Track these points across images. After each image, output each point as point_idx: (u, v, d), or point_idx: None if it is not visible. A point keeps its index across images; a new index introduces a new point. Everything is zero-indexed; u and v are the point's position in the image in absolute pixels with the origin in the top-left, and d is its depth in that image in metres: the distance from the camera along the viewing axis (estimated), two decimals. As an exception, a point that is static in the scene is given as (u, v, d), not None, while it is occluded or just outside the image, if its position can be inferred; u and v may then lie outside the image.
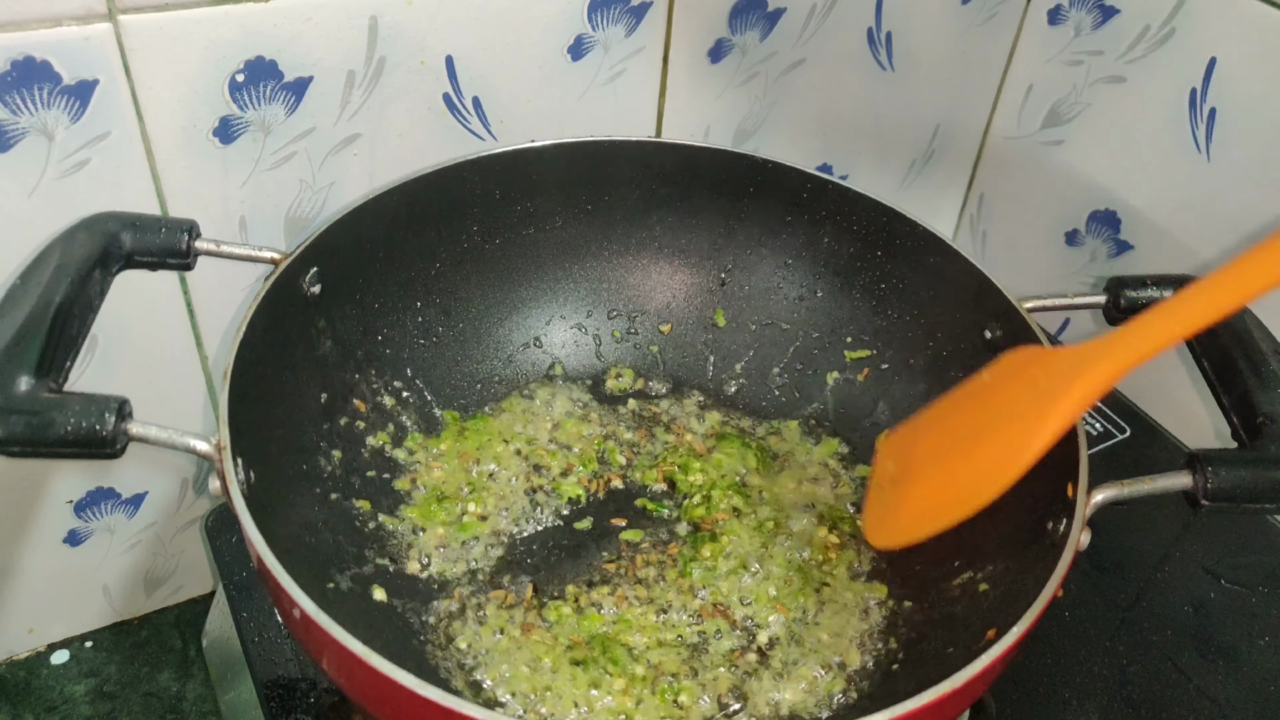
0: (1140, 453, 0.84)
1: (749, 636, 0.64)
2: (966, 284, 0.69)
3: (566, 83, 0.78)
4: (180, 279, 0.72)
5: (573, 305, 0.81)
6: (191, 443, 0.50)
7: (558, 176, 0.75)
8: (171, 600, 0.89)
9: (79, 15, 0.59)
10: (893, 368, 0.76)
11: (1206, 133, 0.83)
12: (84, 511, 0.79)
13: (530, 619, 0.64)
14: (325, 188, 0.73)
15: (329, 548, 0.62)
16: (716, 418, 0.78)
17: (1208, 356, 0.59)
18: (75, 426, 0.45)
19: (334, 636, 0.45)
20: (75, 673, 0.84)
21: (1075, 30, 0.92)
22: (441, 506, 0.69)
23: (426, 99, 0.73)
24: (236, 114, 0.67)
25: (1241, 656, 0.70)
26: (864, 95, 0.92)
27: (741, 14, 0.81)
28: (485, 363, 0.78)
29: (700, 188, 0.78)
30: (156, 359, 0.74)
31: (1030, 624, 0.49)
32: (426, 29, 0.70)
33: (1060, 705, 0.67)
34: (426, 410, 0.74)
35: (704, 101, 0.85)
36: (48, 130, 0.62)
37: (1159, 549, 0.77)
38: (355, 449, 0.69)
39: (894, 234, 0.73)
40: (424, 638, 0.62)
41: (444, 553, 0.67)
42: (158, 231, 0.58)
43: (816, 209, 0.76)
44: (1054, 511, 0.56)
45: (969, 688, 0.47)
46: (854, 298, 0.77)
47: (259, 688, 0.66)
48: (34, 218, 0.64)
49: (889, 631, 0.64)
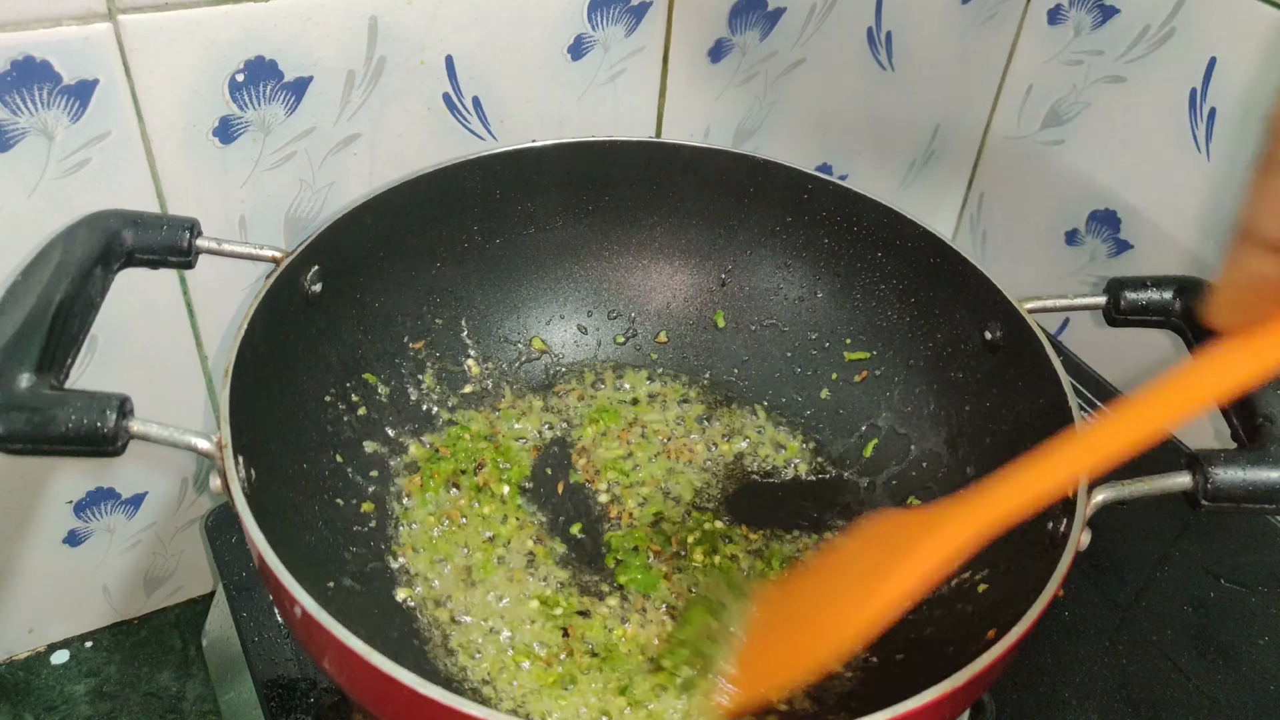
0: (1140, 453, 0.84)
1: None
2: (966, 284, 0.69)
3: (566, 82, 0.78)
4: (180, 279, 0.72)
5: (573, 305, 0.81)
6: (192, 440, 0.50)
7: (558, 177, 0.75)
8: (171, 600, 0.89)
9: (79, 15, 0.59)
10: (893, 369, 0.76)
11: (1206, 133, 0.83)
12: (84, 512, 0.79)
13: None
14: (325, 188, 0.73)
15: (330, 547, 0.62)
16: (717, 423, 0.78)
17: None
18: (77, 423, 0.45)
19: (335, 635, 0.45)
20: (75, 673, 0.84)
21: (1075, 30, 0.92)
22: (444, 507, 0.69)
23: (426, 99, 0.73)
24: (236, 114, 0.67)
25: (1241, 656, 0.70)
26: (864, 95, 0.92)
27: (741, 14, 0.81)
28: (485, 362, 0.78)
29: (701, 189, 0.78)
30: (156, 359, 0.74)
31: (1030, 624, 0.49)
32: (426, 29, 0.70)
33: (1060, 705, 0.67)
34: (427, 409, 0.74)
35: (704, 101, 0.85)
36: (48, 130, 0.62)
37: (1159, 549, 0.77)
38: (356, 448, 0.69)
39: (894, 235, 0.73)
40: (425, 637, 0.62)
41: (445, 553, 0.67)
42: (159, 229, 0.58)
43: (817, 210, 0.76)
44: (1054, 512, 0.56)
45: (969, 688, 0.47)
46: (854, 299, 0.77)
47: (259, 688, 0.66)
48: (34, 217, 0.64)
49: (888, 630, 0.64)
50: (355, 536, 0.65)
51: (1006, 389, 0.67)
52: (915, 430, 0.73)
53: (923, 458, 0.72)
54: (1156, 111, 0.87)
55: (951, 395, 0.72)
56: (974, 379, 0.70)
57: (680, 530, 0.70)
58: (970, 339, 0.70)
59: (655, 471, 0.74)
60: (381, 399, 0.71)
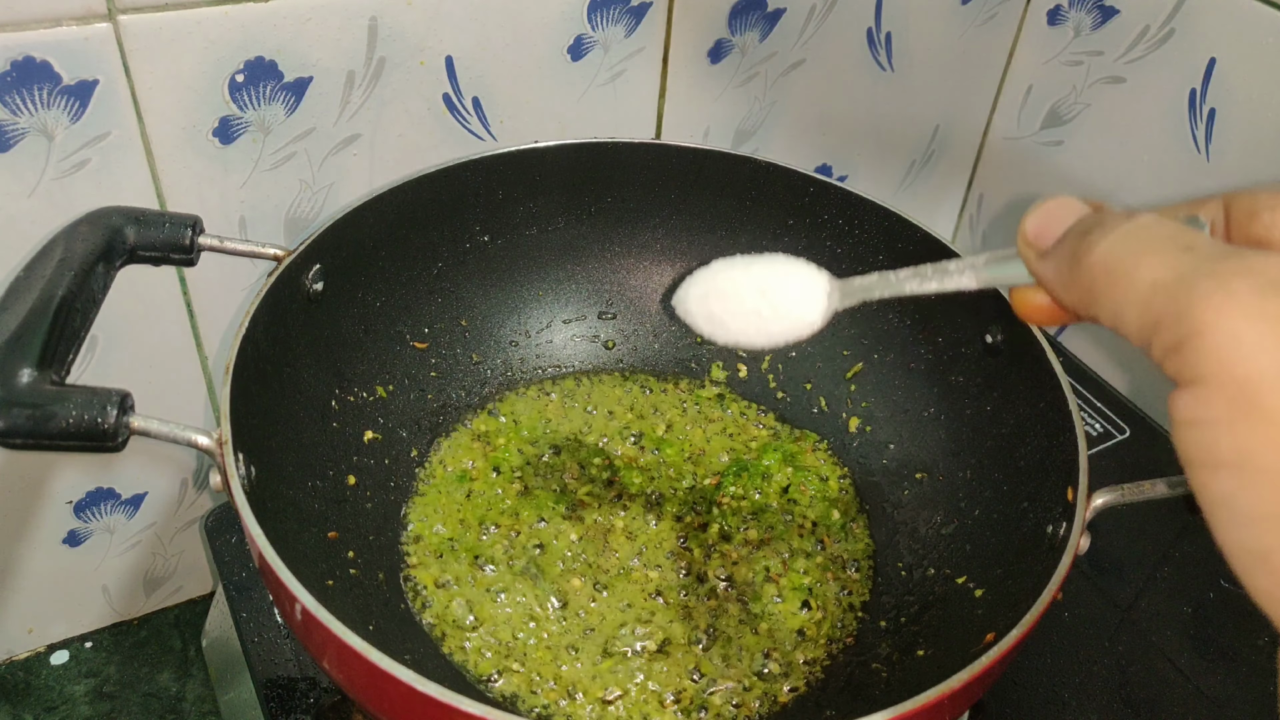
0: (1140, 453, 0.84)
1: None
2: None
3: (566, 83, 0.78)
4: (180, 279, 0.72)
5: (574, 306, 0.81)
6: (193, 437, 0.49)
7: (560, 177, 0.75)
8: (171, 600, 0.89)
9: (79, 15, 0.59)
10: (894, 371, 0.76)
11: (1206, 133, 0.83)
12: (84, 512, 0.79)
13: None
14: (325, 188, 0.73)
15: (330, 544, 0.62)
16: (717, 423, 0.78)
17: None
18: (77, 419, 0.45)
19: (334, 633, 0.45)
20: (75, 673, 0.84)
21: (1075, 31, 0.92)
22: (444, 507, 0.69)
23: (426, 99, 0.73)
24: (236, 114, 0.67)
25: (1241, 656, 0.70)
26: (864, 96, 0.92)
27: (741, 14, 0.81)
28: (486, 362, 0.78)
29: (703, 191, 0.78)
30: (156, 358, 0.74)
31: (1028, 628, 0.49)
32: (426, 29, 0.70)
33: (1060, 705, 0.67)
34: (428, 408, 0.74)
35: (704, 102, 0.85)
36: (48, 130, 0.62)
37: (1158, 549, 0.77)
38: (357, 446, 0.69)
39: (895, 238, 0.73)
40: (426, 636, 0.62)
41: (446, 552, 0.67)
42: (161, 226, 0.58)
43: (818, 213, 0.76)
44: (1053, 515, 0.56)
45: (967, 690, 0.47)
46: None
47: (259, 688, 0.66)
48: (34, 218, 0.64)
49: (888, 634, 0.64)
50: (356, 535, 0.65)
51: (1007, 391, 0.67)
52: (915, 433, 0.73)
53: (923, 460, 0.72)
54: (1156, 112, 0.87)
55: (952, 398, 0.72)
56: (974, 382, 0.70)
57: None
58: (971, 342, 0.70)
59: (670, 457, 0.74)
60: (383, 398, 0.71)
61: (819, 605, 0.66)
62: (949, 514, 0.68)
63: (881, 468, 0.74)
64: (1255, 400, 0.25)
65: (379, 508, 0.68)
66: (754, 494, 0.72)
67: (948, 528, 0.67)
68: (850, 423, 0.77)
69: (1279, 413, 0.25)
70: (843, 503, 0.73)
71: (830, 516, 0.72)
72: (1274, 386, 0.25)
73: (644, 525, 0.70)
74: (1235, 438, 0.26)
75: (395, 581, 0.65)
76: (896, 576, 0.68)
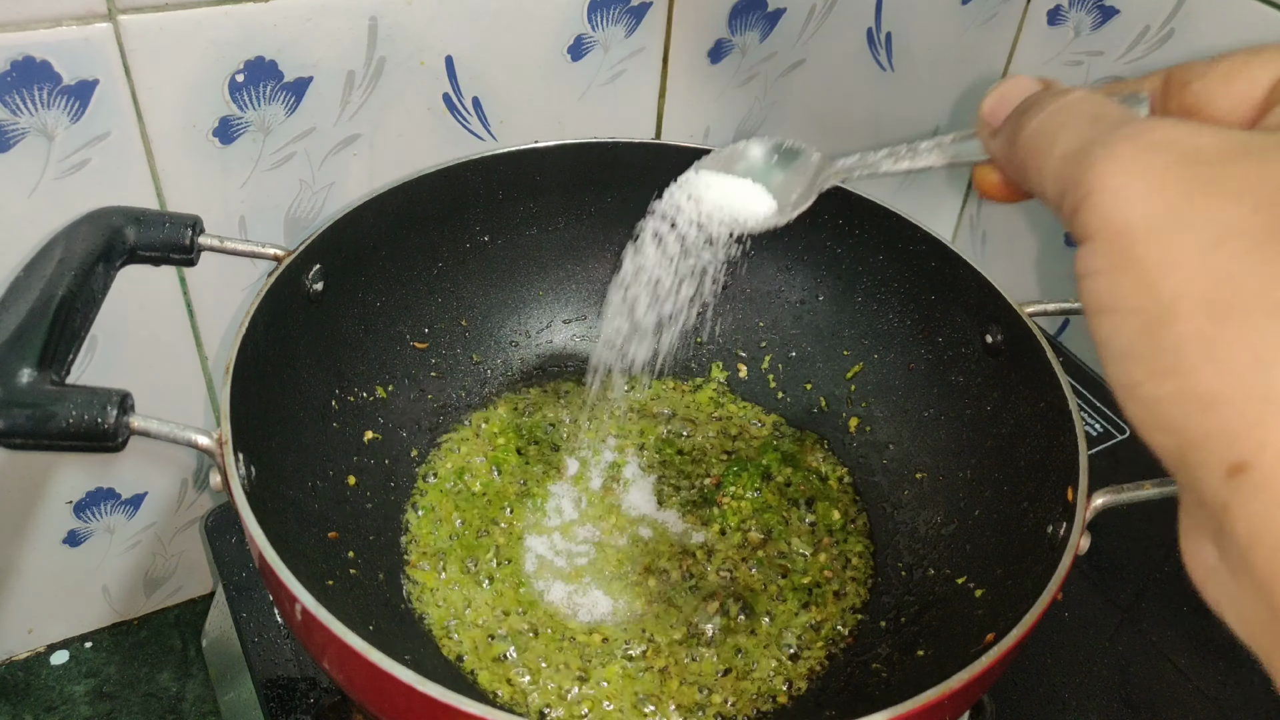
0: (1140, 453, 0.83)
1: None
2: (967, 287, 0.69)
3: (566, 83, 0.78)
4: (180, 279, 0.72)
5: (574, 306, 0.81)
6: (193, 437, 0.49)
7: (561, 177, 0.75)
8: (171, 600, 0.89)
9: (79, 15, 0.59)
10: (894, 371, 0.76)
11: (1206, 134, 0.83)
12: (84, 512, 0.79)
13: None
14: (325, 188, 0.73)
15: (330, 544, 0.62)
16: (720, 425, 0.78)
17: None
18: (77, 419, 0.45)
19: (334, 633, 0.45)
20: (75, 673, 0.84)
21: (1075, 31, 0.92)
22: (444, 506, 0.69)
23: (426, 99, 0.73)
24: (236, 114, 0.67)
25: (1241, 656, 0.69)
26: (864, 95, 0.92)
27: (741, 14, 0.81)
28: (486, 362, 0.78)
29: (703, 190, 0.78)
30: (156, 359, 0.74)
31: (1028, 628, 0.49)
32: (426, 29, 0.70)
33: (1060, 705, 0.67)
34: (428, 408, 0.74)
35: (704, 102, 0.85)
36: (47, 130, 0.62)
37: (1159, 549, 0.77)
38: (357, 446, 0.69)
39: (895, 238, 0.73)
40: (427, 636, 0.62)
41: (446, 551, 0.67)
42: (161, 226, 0.58)
43: (818, 213, 0.75)
44: (1053, 516, 0.56)
45: (967, 690, 0.47)
46: (855, 302, 0.77)
47: (259, 688, 0.66)
48: (34, 218, 0.64)
49: (888, 634, 0.64)
50: (356, 535, 0.65)
51: (1007, 391, 0.67)
52: (915, 433, 0.73)
53: (923, 460, 0.72)
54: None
55: (952, 398, 0.71)
56: (974, 382, 0.70)
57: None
58: (971, 342, 0.70)
59: (670, 457, 0.74)
60: (383, 398, 0.71)
61: (819, 605, 0.66)
62: (949, 514, 0.68)
63: (881, 468, 0.74)
64: (1128, 249, 0.28)
65: (379, 508, 0.68)
66: (754, 494, 0.72)
67: (948, 528, 0.67)
68: (850, 423, 0.77)
69: (1146, 259, 0.27)
70: (843, 503, 0.73)
71: (830, 516, 0.72)
72: (1144, 235, 0.27)
73: (644, 526, 0.70)
74: (1113, 284, 0.28)
75: (395, 581, 0.65)
76: (896, 576, 0.68)
